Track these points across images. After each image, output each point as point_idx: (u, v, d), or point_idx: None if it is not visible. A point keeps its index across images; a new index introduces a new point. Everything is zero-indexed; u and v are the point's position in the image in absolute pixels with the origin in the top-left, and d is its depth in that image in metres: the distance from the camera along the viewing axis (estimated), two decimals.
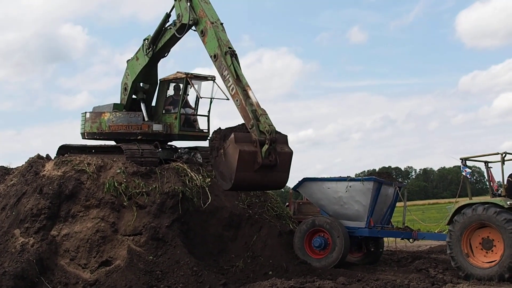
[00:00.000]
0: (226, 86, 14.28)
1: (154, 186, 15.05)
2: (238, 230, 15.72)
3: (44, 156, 16.89)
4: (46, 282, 13.46)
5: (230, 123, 14.17)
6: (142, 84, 17.95)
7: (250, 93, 13.92)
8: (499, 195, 13.74)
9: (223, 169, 13.61)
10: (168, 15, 16.31)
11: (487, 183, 14.58)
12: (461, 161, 13.96)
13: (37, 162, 16.15)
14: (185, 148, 18.04)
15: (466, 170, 13.94)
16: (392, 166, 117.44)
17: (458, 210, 13.47)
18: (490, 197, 13.78)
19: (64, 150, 17.25)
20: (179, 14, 15.72)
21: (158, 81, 17.89)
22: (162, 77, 17.83)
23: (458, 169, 14.45)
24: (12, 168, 17.72)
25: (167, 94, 17.79)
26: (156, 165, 16.06)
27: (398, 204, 16.92)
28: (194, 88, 17.26)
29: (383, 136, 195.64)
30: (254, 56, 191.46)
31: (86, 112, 17.87)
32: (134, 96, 18.05)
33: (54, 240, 14.28)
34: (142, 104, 17.90)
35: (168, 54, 17.39)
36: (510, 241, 12.57)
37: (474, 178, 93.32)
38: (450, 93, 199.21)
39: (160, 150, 17.07)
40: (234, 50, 14.47)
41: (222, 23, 15.06)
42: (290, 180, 14.65)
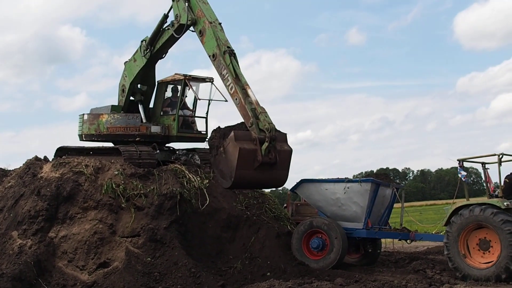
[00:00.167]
0: (225, 85, 14.29)
1: (152, 187, 15.05)
2: (236, 231, 15.72)
3: (42, 158, 16.88)
4: (44, 284, 13.44)
5: (229, 125, 14.20)
6: (139, 85, 17.97)
7: (249, 91, 13.95)
8: (496, 196, 13.77)
9: (223, 167, 13.64)
10: (166, 16, 16.33)
11: (484, 184, 14.60)
12: (458, 162, 13.99)
13: (35, 164, 16.15)
14: (183, 149, 18.05)
15: (462, 173, 13.97)
16: (389, 168, 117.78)
17: (455, 211, 13.49)
18: (487, 198, 13.81)
19: (62, 152, 17.25)
20: (177, 14, 15.73)
21: (156, 82, 17.90)
22: (160, 78, 17.87)
23: (456, 170, 14.42)
24: (10, 170, 17.71)
25: (165, 95, 17.79)
26: (154, 166, 16.06)
27: (395, 205, 16.94)
28: (193, 89, 17.27)
29: (381, 137, 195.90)
30: (252, 57, 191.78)
31: (84, 114, 17.87)
32: (131, 97, 18.05)
33: (52, 242, 14.27)
34: (140, 105, 17.90)
35: (166, 55, 17.41)
36: (507, 242, 12.60)
37: (471, 179, 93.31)
38: (448, 94, 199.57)
39: (158, 151, 17.06)
40: (233, 50, 14.50)
41: (220, 23, 15.10)
42: (288, 181, 14.69)
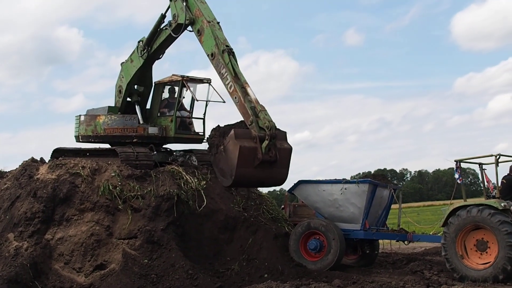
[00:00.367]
0: (224, 84, 14.28)
1: (149, 189, 15.02)
2: (233, 233, 15.69)
3: (38, 159, 16.83)
4: (40, 286, 13.42)
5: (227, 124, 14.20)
6: (136, 86, 17.92)
7: (248, 90, 13.96)
8: (494, 197, 13.76)
9: (223, 165, 13.64)
10: (163, 16, 16.32)
11: (482, 185, 14.60)
12: (455, 163, 13.98)
13: (31, 165, 16.09)
14: (180, 151, 18.01)
15: (457, 175, 13.96)
16: (387, 168, 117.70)
17: (453, 212, 13.47)
18: (484, 199, 13.81)
19: (58, 153, 17.19)
20: (175, 14, 15.73)
21: (153, 83, 17.87)
22: (157, 79, 17.83)
23: (453, 171, 14.42)
24: (6, 171, 17.66)
25: (162, 97, 17.75)
26: (151, 168, 16.02)
27: (393, 206, 16.92)
28: (190, 90, 17.23)
29: (379, 138, 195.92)
30: (250, 58, 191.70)
31: (80, 115, 17.82)
32: (128, 98, 18.01)
33: (48, 244, 14.22)
34: (137, 106, 17.86)
35: (163, 55, 17.39)
36: (505, 242, 12.59)
37: (469, 180, 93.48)
38: (446, 95, 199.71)
39: (155, 153, 17.02)
40: (232, 49, 14.50)
41: (218, 22, 15.10)
42: (286, 182, 14.68)
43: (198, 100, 17.28)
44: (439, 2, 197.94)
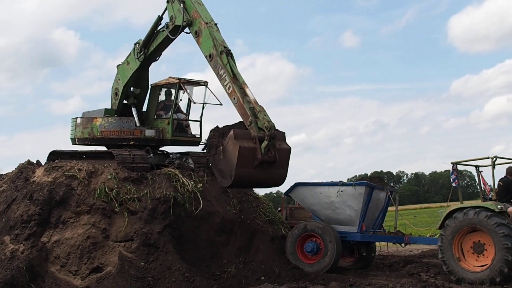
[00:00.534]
0: (223, 85, 14.28)
1: (145, 191, 14.99)
2: (230, 235, 15.67)
3: (34, 162, 16.79)
4: None
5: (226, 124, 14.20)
6: (133, 88, 17.88)
7: (247, 90, 13.98)
8: (490, 199, 13.77)
9: (223, 166, 13.64)
10: (160, 18, 16.33)
11: (478, 187, 14.61)
12: (452, 165, 13.99)
13: (27, 168, 16.06)
14: (176, 153, 17.99)
15: (452, 177, 13.98)
16: (384, 171, 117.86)
17: (450, 214, 13.48)
18: (481, 201, 13.82)
19: (54, 156, 17.17)
20: (172, 16, 15.73)
21: (149, 85, 17.85)
22: (154, 82, 17.81)
23: (450, 173, 14.43)
24: (2, 174, 17.61)
25: (159, 99, 17.75)
26: (147, 170, 15.99)
27: (389, 208, 16.93)
28: (188, 93, 17.22)
29: (375, 140, 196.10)
30: (247, 60, 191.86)
31: (76, 117, 17.79)
32: (125, 101, 17.99)
33: (45, 246, 14.18)
34: (133, 109, 17.84)
35: (159, 57, 17.40)
36: (501, 245, 12.58)
37: (466, 182, 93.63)
38: (442, 97, 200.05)
39: (151, 155, 17.00)
40: (230, 50, 14.51)
41: (216, 24, 15.11)
42: (283, 185, 14.68)
43: (195, 102, 17.28)
44: (436, 4, 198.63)
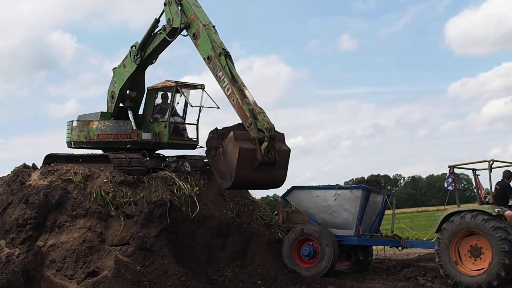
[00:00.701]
0: (221, 87, 14.28)
1: (141, 195, 14.96)
2: (226, 239, 15.64)
3: (30, 165, 16.74)
4: None
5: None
6: (129, 91, 17.87)
7: (246, 92, 13.98)
8: (487, 203, 13.77)
9: (223, 167, 13.63)
10: (157, 21, 16.32)
11: (475, 191, 14.60)
12: (449, 168, 13.98)
13: (23, 171, 16.02)
14: (173, 156, 17.96)
15: (448, 181, 13.96)
16: (381, 174, 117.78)
17: (447, 218, 13.46)
18: (478, 204, 13.81)
19: (50, 159, 17.09)
20: (170, 18, 15.73)
21: (146, 89, 17.83)
22: (150, 85, 17.80)
23: (446, 176, 14.43)
24: None
25: (155, 102, 17.72)
26: (143, 174, 15.96)
27: (386, 212, 16.90)
28: (185, 96, 17.20)
29: (373, 143, 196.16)
30: (244, 63, 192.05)
31: (72, 120, 17.75)
32: (121, 104, 17.96)
33: (40, 250, 14.14)
34: (129, 112, 17.81)
35: (156, 60, 17.38)
36: (498, 248, 12.57)
37: (462, 185, 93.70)
38: (439, 100, 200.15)
39: (148, 158, 16.97)
40: (228, 52, 14.51)
41: (214, 26, 15.11)
42: (280, 188, 14.65)
43: (193, 106, 17.24)
44: (433, 7, 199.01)
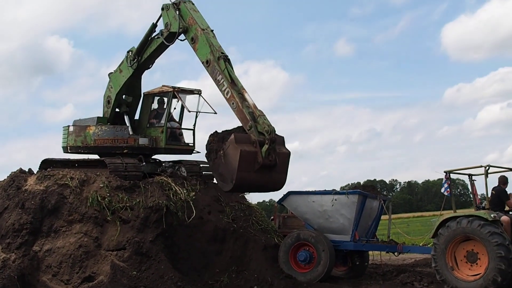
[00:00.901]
0: (221, 90, 14.32)
1: (138, 200, 14.95)
2: (222, 244, 15.62)
3: (26, 170, 16.72)
4: None
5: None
6: (125, 96, 17.85)
7: (246, 95, 14.04)
8: (483, 208, 13.78)
9: (223, 170, 13.67)
10: (154, 25, 16.35)
11: (471, 196, 14.60)
12: (445, 174, 14.00)
13: (19, 176, 15.99)
14: (169, 162, 17.95)
15: (444, 186, 13.99)
16: (377, 179, 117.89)
17: (443, 223, 13.48)
18: (474, 210, 13.83)
19: (46, 164, 17.08)
20: (167, 23, 15.77)
21: (142, 94, 17.83)
22: (146, 90, 17.80)
23: (442, 182, 14.44)
24: None
25: (152, 107, 17.72)
26: (140, 179, 15.94)
27: (383, 217, 16.92)
28: (182, 101, 17.21)
29: (369, 149, 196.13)
30: (241, 68, 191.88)
31: (69, 125, 17.75)
32: (117, 109, 17.95)
33: (36, 255, 14.10)
34: (126, 117, 17.81)
35: (152, 65, 17.41)
36: (495, 254, 12.58)
37: (458, 191, 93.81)
38: (435, 105, 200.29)
39: (144, 164, 16.95)
40: (227, 55, 14.56)
41: (212, 30, 15.16)
42: (276, 194, 14.68)
43: (190, 111, 17.26)
44: (429, 13, 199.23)
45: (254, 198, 18.57)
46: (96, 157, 17.52)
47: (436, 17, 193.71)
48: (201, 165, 17.56)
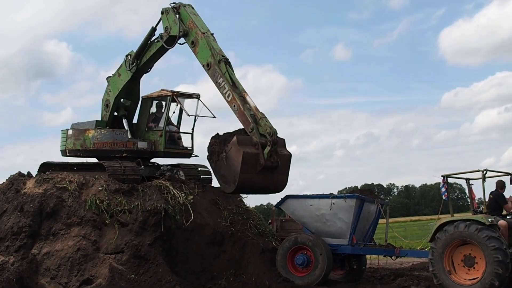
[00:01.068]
0: (222, 93, 14.38)
1: (136, 203, 14.96)
2: (220, 247, 15.63)
3: (25, 173, 16.73)
4: None
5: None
6: (123, 100, 17.91)
7: (247, 98, 14.11)
8: (481, 212, 13.83)
9: (225, 172, 13.74)
10: (154, 29, 16.40)
11: (469, 200, 14.65)
12: (442, 178, 14.04)
13: (18, 179, 16.01)
14: (167, 165, 17.98)
15: (442, 190, 14.03)
16: (374, 183, 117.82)
17: (440, 227, 13.51)
18: (471, 214, 13.87)
19: (45, 167, 17.11)
20: (167, 26, 15.82)
21: (140, 97, 17.87)
22: (145, 94, 17.83)
23: (440, 186, 14.48)
24: None
25: (150, 111, 17.75)
26: (138, 182, 15.97)
27: (380, 221, 16.95)
28: (181, 105, 17.24)
29: (366, 153, 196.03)
30: (239, 73, 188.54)
31: (67, 129, 17.77)
32: (115, 113, 17.98)
33: (35, 258, 14.12)
34: (124, 120, 17.83)
35: (151, 69, 17.46)
36: (492, 258, 12.62)
37: (456, 195, 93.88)
38: (433, 110, 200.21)
39: (142, 167, 16.98)
40: (228, 59, 14.62)
41: (212, 34, 15.21)
42: (274, 197, 14.73)
43: (189, 115, 17.28)
44: (427, 17, 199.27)
45: (252, 202, 18.61)
46: (94, 160, 17.55)
47: (433, 21, 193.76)
48: (199, 168, 17.62)
